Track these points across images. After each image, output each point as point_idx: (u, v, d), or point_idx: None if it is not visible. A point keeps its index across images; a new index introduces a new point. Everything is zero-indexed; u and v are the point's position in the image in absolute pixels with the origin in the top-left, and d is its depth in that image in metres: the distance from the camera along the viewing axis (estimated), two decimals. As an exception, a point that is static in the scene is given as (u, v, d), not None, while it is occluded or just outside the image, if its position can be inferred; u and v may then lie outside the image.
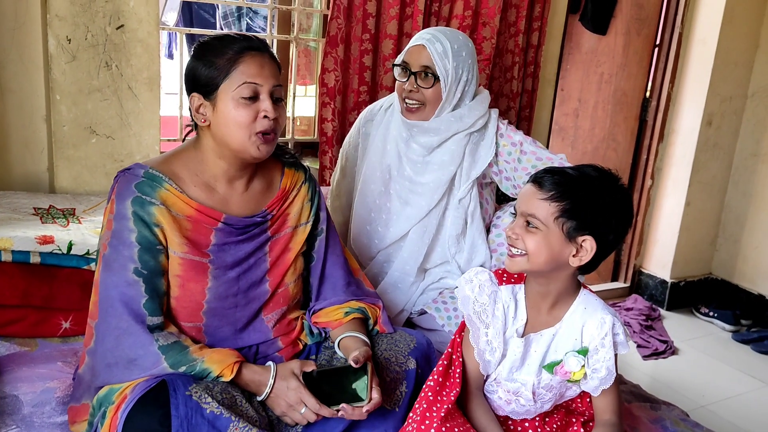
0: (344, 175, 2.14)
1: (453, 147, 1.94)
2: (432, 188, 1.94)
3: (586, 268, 1.33)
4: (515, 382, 1.38)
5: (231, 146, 1.38)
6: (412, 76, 1.88)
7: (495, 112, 2.02)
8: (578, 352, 1.33)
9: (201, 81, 1.37)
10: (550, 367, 1.35)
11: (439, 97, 1.89)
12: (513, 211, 1.37)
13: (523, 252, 1.29)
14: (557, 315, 1.36)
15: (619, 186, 1.31)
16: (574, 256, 1.28)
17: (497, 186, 2.10)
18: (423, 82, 1.87)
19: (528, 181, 1.33)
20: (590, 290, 1.40)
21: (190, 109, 1.42)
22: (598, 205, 1.27)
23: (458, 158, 1.94)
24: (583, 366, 1.33)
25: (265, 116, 1.35)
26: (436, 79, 1.86)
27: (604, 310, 1.35)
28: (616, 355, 1.34)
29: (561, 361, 1.35)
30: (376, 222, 2.01)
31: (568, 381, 1.37)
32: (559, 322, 1.36)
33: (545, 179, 1.29)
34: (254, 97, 1.35)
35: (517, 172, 1.98)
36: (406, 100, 1.91)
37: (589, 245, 1.27)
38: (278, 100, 1.39)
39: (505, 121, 2.03)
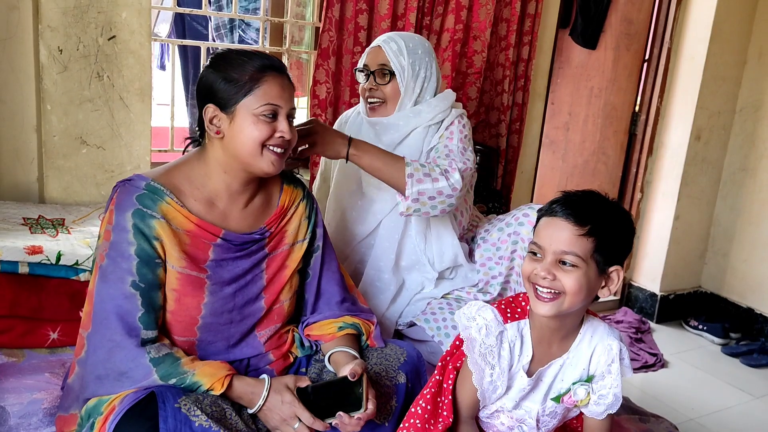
0: (324, 180, 2.19)
1: (412, 142, 1.98)
2: None
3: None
4: (520, 409, 1.36)
5: (242, 159, 1.39)
6: (371, 76, 1.97)
7: (458, 111, 1.99)
8: (585, 380, 1.32)
9: (219, 93, 1.38)
10: (558, 399, 1.33)
11: (397, 92, 1.97)
12: (533, 250, 1.25)
13: (557, 292, 1.21)
14: (565, 345, 1.33)
15: (622, 208, 1.29)
16: (602, 287, 1.25)
17: (474, 184, 2.13)
18: (381, 80, 1.96)
19: (549, 214, 1.24)
20: (593, 313, 1.38)
21: (201, 119, 1.42)
22: (621, 233, 1.25)
23: (418, 153, 1.97)
24: (589, 393, 1.31)
25: (281, 136, 1.39)
26: (392, 75, 1.95)
27: (610, 335, 1.32)
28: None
29: (569, 390, 1.32)
30: (347, 220, 2.04)
31: (575, 407, 1.36)
32: (566, 353, 1.32)
33: (573, 212, 1.20)
34: (274, 117, 1.39)
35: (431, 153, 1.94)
36: (369, 100, 2.00)
37: (617, 275, 1.24)
38: (292, 121, 1.44)
39: (465, 121, 1.99)
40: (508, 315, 1.31)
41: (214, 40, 3.35)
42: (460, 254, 2.01)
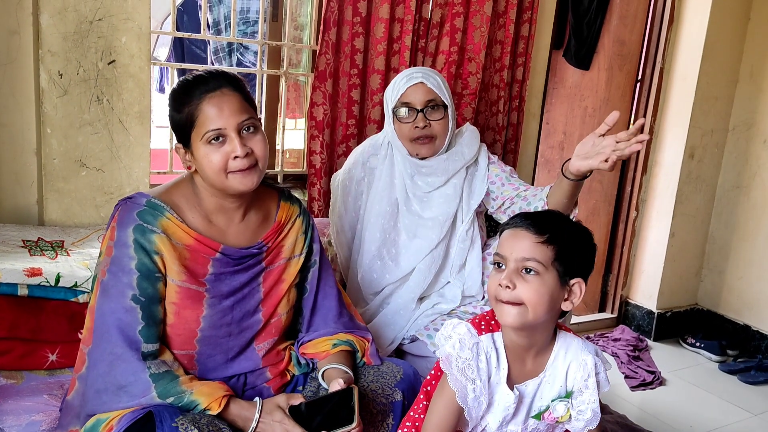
0: (347, 210, 2.12)
1: (455, 180, 2.01)
2: (441, 221, 1.99)
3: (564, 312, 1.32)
4: None
5: (215, 185, 1.41)
6: (420, 113, 1.92)
7: (484, 146, 2.10)
8: (564, 397, 1.33)
9: (177, 133, 1.43)
10: (538, 416, 1.34)
11: (446, 128, 1.97)
12: (496, 261, 1.28)
13: (520, 302, 1.23)
14: (540, 363, 1.34)
15: (582, 226, 1.34)
16: (565, 300, 1.27)
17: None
18: (434, 114, 1.93)
19: (511, 227, 1.29)
20: (565, 327, 1.39)
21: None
22: (583, 246, 1.29)
23: (460, 190, 2.00)
24: (569, 408, 1.33)
25: (236, 156, 1.37)
26: (446, 109, 1.94)
27: (584, 350, 1.33)
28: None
29: (548, 407, 1.33)
30: (386, 256, 2.02)
31: (556, 422, 1.36)
32: (543, 371, 1.33)
33: (532, 222, 1.26)
34: (221, 139, 1.37)
35: (501, 191, 2.04)
36: (418, 137, 1.95)
37: (578, 288, 1.27)
38: (250, 130, 1.40)
39: (494, 156, 2.11)
40: (482, 327, 1.32)
41: (213, 64, 3.39)
42: (480, 291, 2.03)
